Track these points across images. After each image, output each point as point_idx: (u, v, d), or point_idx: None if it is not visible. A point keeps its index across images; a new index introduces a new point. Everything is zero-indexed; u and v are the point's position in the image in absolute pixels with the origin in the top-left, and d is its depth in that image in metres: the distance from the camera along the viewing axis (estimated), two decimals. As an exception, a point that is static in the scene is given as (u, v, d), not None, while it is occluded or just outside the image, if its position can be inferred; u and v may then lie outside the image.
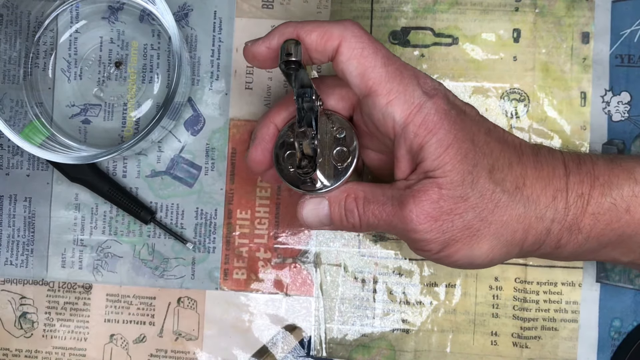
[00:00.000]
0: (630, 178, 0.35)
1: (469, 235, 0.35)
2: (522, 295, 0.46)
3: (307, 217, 0.37)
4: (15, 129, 0.43)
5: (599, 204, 0.35)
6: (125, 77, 0.48)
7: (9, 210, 0.48)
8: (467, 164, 0.34)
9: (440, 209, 0.34)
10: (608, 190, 0.35)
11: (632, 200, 0.35)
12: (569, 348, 0.46)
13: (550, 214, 0.35)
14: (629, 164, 0.36)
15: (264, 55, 0.36)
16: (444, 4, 0.47)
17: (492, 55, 0.47)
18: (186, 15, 0.48)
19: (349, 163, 0.37)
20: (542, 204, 0.35)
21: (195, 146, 0.48)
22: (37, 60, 0.48)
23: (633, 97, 0.46)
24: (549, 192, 0.35)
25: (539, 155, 0.37)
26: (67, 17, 0.48)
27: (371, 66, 0.34)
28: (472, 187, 0.34)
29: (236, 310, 0.47)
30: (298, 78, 0.34)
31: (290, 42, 0.33)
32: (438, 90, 0.35)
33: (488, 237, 0.35)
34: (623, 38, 0.46)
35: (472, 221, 0.34)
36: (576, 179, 0.36)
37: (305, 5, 0.47)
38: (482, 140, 0.35)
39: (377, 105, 0.34)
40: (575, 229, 0.36)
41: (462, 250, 0.35)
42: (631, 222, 0.35)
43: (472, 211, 0.34)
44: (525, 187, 0.35)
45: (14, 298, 0.48)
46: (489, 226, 0.35)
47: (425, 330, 0.46)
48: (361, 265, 0.47)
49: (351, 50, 0.34)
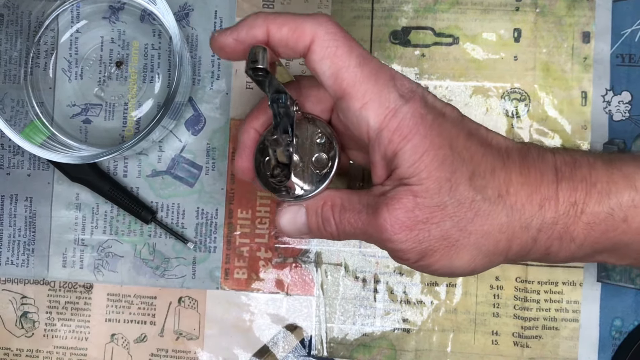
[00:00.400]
0: (630, 186, 0.33)
1: (447, 246, 0.33)
2: (523, 295, 0.46)
3: (284, 225, 0.36)
4: (16, 128, 0.43)
5: (594, 214, 0.33)
6: (126, 76, 0.48)
7: (9, 210, 0.49)
8: (444, 171, 0.32)
9: (415, 218, 0.32)
10: (606, 198, 0.33)
11: (630, 210, 0.33)
12: (569, 347, 0.46)
13: (537, 223, 0.33)
14: (629, 169, 0.34)
15: (231, 47, 0.33)
16: (444, 4, 0.47)
17: (493, 54, 0.47)
18: (187, 15, 0.48)
19: (328, 170, 0.36)
20: (527, 212, 0.33)
21: (196, 146, 0.48)
22: (38, 60, 0.48)
23: (634, 97, 0.46)
24: (536, 201, 0.33)
25: (527, 159, 0.34)
26: (67, 17, 0.48)
27: (345, 66, 0.32)
28: (450, 195, 0.32)
29: (237, 309, 0.47)
30: (272, 84, 0.33)
31: (257, 48, 0.31)
32: (415, 92, 0.33)
33: (468, 247, 0.33)
34: (624, 37, 0.46)
35: (450, 231, 0.33)
36: (569, 186, 0.33)
37: (306, 5, 0.47)
38: (461, 145, 0.33)
39: (351, 108, 0.32)
40: (567, 238, 0.34)
41: (441, 260, 0.33)
42: (628, 231, 0.34)
43: (449, 220, 0.32)
44: (508, 195, 0.33)
45: (15, 298, 0.48)
46: (469, 236, 0.33)
47: (426, 330, 0.46)
48: (362, 264, 0.47)
49: (324, 49, 0.32)
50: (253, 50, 0.32)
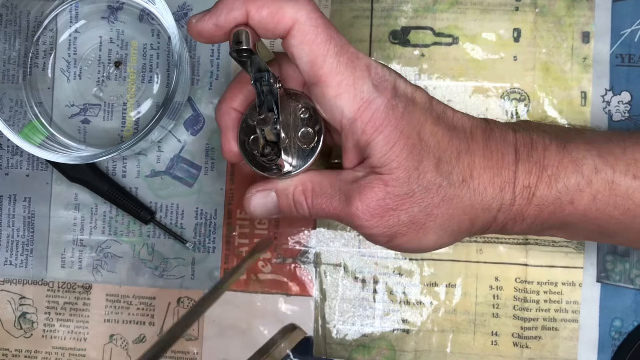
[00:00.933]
0: (577, 171, 0.35)
1: (415, 229, 0.35)
2: (522, 295, 0.46)
3: (254, 209, 0.37)
4: (15, 128, 0.43)
5: (543, 197, 0.35)
6: (124, 76, 0.48)
7: (8, 210, 0.48)
8: (412, 160, 0.34)
9: (385, 205, 0.34)
10: (554, 182, 0.35)
11: (576, 194, 0.35)
12: (569, 348, 0.45)
13: (497, 205, 0.35)
14: (579, 154, 0.35)
15: (210, 32, 0.33)
16: (444, 4, 0.47)
17: (493, 54, 0.47)
18: (186, 15, 0.48)
19: (315, 144, 0.36)
20: (489, 195, 0.35)
21: (195, 146, 0.48)
22: (37, 60, 0.48)
23: (633, 97, 0.46)
24: (497, 184, 0.35)
25: (490, 140, 0.36)
26: (66, 17, 0.48)
27: (323, 54, 0.33)
28: (418, 182, 0.34)
29: (236, 310, 0.47)
30: (254, 63, 0.33)
31: (240, 31, 0.32)
32: (387, 81, 0.34)
33: (434, 229, 0.35)
34: (623, 38, 0.46)
35: (417, 215, 0.34)
36: (525, 168, 0.35)
37: (305, 5, 0.47)
38: (429, 132, 0.34)
39: (325, 96, 0.33)
40: (520, 217, 0.36)
41: (409, 242, 0.35)
42: (575, 213, 0.35)
43: (417, 206, 0.34)
44: (472, 179, 0.35)
45: (13, 298, 0.48)
46: (435, 219, 0.35)
47: (425, 330, 0.46)
48: (361, 265, 0.47)
49: (304, 34, 0.32)
50: (236, 33, 0.32)
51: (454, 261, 0.46)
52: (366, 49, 0.47)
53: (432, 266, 0.46)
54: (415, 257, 0.46)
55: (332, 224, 0.47)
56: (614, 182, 0.35)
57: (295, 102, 0.37)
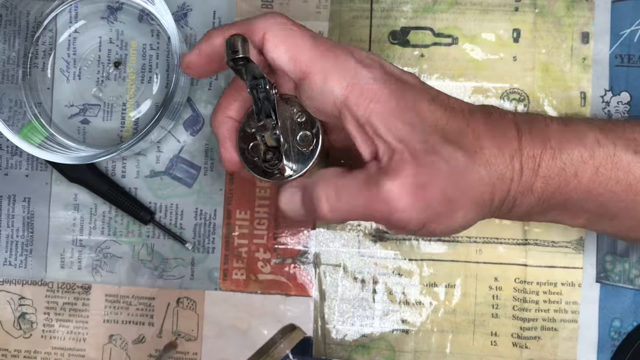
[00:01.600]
0: (580, 143, 0.35)
1: (446, 206, 0.34)
2: (521, 296, 0.46)
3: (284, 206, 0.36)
4: (14, 129, 0.43)
5: (549, 167, 0.35)
6: (124, 77, 0.48)
7: (7, 210, 0.48)
8: (418, 134, 0.33)
9: (416, 182, 0.33)
10: (558, 153, 0.35)
11: (580, 166, 0.35)
12: (568, 348, 0.45)
13: (509, 175, 0.35)
14: (580, 128, 0.36)
15: (196, 62, 0.36)
16: (443, 4, 0.47)
17: (492, 55, 0.47)
18: (185, 15, 0.48)
19: (314, 146, 0.37)
20: (501, 165, 0.35)
21: (195, 146, 0.48)
22: (36, 60, 0.48)
23: (633, 97, 0.46)
24: (506, 153, 0.35)
25: (490, 118, 0.36)
26: (66, 17, 0.48)
27: (300, 49, 0.34)
28: (436, 156, 0.33)
29: (235, 310, 0.47)
30: (249, 71, 0.33)
31: (236, 37, 0.31)
32: (373, 60, 0.34)
33: (461, 202, 0.34)
34: (623, 38, 0.46)
35: (446, 189, 0.33)
36: (528, 140, 0.35)
37: (305, 5, 0.47)
38: (425, 109, 0.34)
39: (313, 85, 0.34)
40: (528, 191, 0.36)
41: (442, 221, 0.34)
42: (578, 187, 0.36)
43: (445, 180, 0.33)
44: (482, 151, 0.34)
45: (12, 298, 0.48)
46: (462, 193, 0.34)
47: (424, 331, 0.46)
48: (361, 265, 0.47)
49: (277, 37, 0.34)
50: (230, 40, 0.32)
51: (454, 261, 0.46)
52: (366, 49, 0.47)
53: (432, 266, 0.46)
54: (414, 257, 0.46)
55: (332, 224, 0.47)
56: (616, 156, 0.35)
57: (291, 107, 0.37)
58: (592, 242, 0.46)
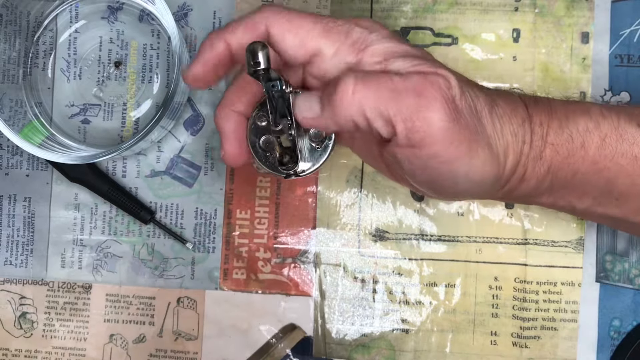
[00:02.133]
0: (585, 114, 0.36)
1: (471, 138, 0.33)
2: (521, 295, 0.46)
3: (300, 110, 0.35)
4: (15, 128, 0.43)
5: (557, 134, 0.36)
6: (124, 77, 0.48)
7: (8, 210, 0.48)
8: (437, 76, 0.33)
9: (448, 96, 0.32)
10: (565, 122, 0.36)
11: (586, 135, 0.36)
12: (568, 348, 0.46)
13: (522, 135, 0.35)
14: (584, 104, 0.37)
15: (201, 74, 0.35)
16: (443, 4, 0.47)
17: (492, 55, 0.47)
18: (186, 15, 0.48)
19: (327, 142, 0.37)
20: (514, 123, 0.35)
21: (195, 146, 0.48)
22: (37, 60, 0.48)
23: (632, 97, 0.46)
24: (519, 115, 0.35)
25: (497, 94, 0.36)
26: (66, 17, 0.48)
27: (305, 30, 0.34)
28: (453, 92, 0.33)
29: (236, 310, 0.47)
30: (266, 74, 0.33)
31: (256, 46, 0.31)
32: (377, 24, 0.35)
33: (482, 144, 0.33)
34: (622, 38, 0.46)
35: (471, 121, 0.33)
36: (535, 110, 0.36)
37: (305, 5, 0.47)
38: (439, 66, 0.34)
39: (326, 59, 0.34)
40: (538, 158, 0.36)
41: (464, 160, 0.33)
42: (586, 158, 0.36)
43: (469, 110, 0.33)
44: (497, 107, 0.35)
45: (13, 298, 0.48)
46: (483, 132, 0.33)
47: (425, 330, 0.46)
48: (361, 265, 0.47)
49: (280, 25, 0.34)
50: (251, 48, 0.31)
51: (454, 261, 0.46)
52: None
53: (432, 266, 0.46)
54: (414, 256, 0.46)
55: (332, 223, 0.47)
56: (620, 127, 0.36)
57: None
58: (591, 241, 0.46)
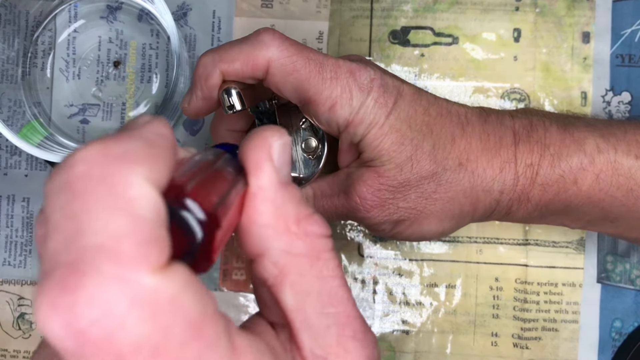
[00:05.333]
0: (580, 150, 0.35)
1: (415, 215, 0.36)
2: (522, 296, 0.46)
3: None
4: (14, 128, 0.43)
5: (547, 175, 0.35)
6: (123, 76, 0.48)
7: (7, 210, 0.48)
8: (404, 151, 0.34)
9: (382, 196, 0.35)
10: (557, 161, 0.35)
11: (579, 173, 0.35)
12: (569, 349, 0.45)
13: (498, 186, 0.35)
14: (581, 134, 0.36)
15: (204, 108, 0.35)
16: (444, 4, 0.47)
17: (493, 55, 0.46)
18: (185, 15, 0.48)
19: (320, 152, 0.37)
20: (488, 177, 0.35)
21: (194, 146, 0.47)
22: (36, 59, 0.48)
23: (634, 97, 0.46)
24: (496, 164, 0.35)
25: (487, 124, 0.36)
26: (65, 17, 0.48)
27: (306, 78, 0.33)
28: (412, 172, 0.35)
29: (235, 311, 0.47)
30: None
31: (230, 91, 0.32)
32: (373, 80, 0.35)
33: (435, 214, 0.36)
34: (624, 38, 0.46)
35: (416, 201, 0.35)
36: (525, 148, 0.36)
37: (305, 5, 0.47)
38: (420, 121, 0.35)
39: (319, 112, 0.34)
40: (524, 198, 0.36)
41: (411, 227, 0.36)
42: (578, 194, 0.36)
43: (414, 193, 0.35)
44: (469, 162, 0.35)
45: (12, 299, 0.48)
46: (434, 203, 0.35)
47: (425, 331, 0.46)
48: (361, 265, 0.47)
49: (282, 68, 0.33)
50: (224, 95, 0.33)
51: (454, 262, 0.46)
52: (366, 49, 0.47)
53: (432, 267, 0.46)
54: (415, 257, 0.46)
55: (332, 224, 0.47)
56: (617, 162, 0.35)
57: (293, 114, 0.37)
58: (593, 242, 0.46)
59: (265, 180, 0.21)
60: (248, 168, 0.22)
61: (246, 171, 0.22)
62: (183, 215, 0.18)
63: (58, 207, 0.17)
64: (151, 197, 0.17)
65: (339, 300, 0.22)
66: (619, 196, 0.35)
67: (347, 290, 0.22)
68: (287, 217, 0.21)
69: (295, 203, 0.22)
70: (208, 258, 0.19)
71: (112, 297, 0.16)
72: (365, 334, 0.22)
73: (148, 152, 0.18)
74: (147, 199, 0.17)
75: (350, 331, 0.22)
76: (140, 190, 0.17)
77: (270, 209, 0.21)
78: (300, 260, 0.21)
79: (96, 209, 0.17)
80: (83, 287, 0.16)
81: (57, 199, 0.17)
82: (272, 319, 0.23)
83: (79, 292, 0.16)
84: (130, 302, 0.16)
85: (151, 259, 0.17)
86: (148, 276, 0.16)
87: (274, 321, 0.23)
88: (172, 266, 0.17)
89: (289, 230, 0.21)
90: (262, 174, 0.21)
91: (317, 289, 0.21)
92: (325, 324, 0.21)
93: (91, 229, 0.16)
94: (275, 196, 0.21)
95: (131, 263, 0.16)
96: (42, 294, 0.16)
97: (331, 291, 0.22)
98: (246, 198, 0.22)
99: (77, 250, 0.16)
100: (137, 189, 0.17)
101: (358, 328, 0.22)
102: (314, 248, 0.21)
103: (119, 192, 0.17)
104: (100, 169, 0.17)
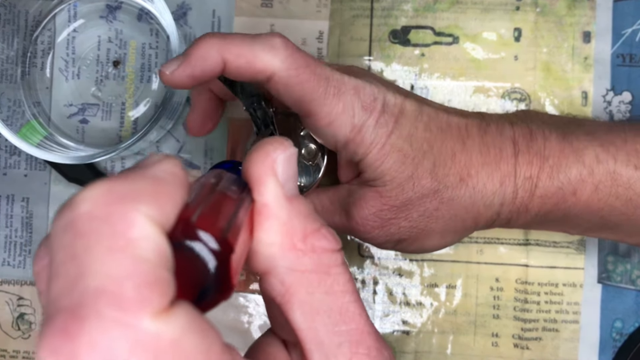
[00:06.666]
0: (578, 161, 0.35)
1: (417, 233, 0.35)
2: (523, 296, 0.45)
3: None
4: (13, 128, 0.43)
5: (546, 187, 0.35)
6: (123, 76, 0.47)
7: (6, 210, 0.48)
8: (405, 170, 0.34)
9: (383, 216, 0.35)
10: (556, 173, 0.35)
11: (578, 184, 0.35)
12: (570, 349, 0.45)
13: (499, 200, 0.35)
14: (580, 144, 0.36)
15: (185, 84, 0.32)
16: (444, 3, 0.47)
17: (493, 54, 0.46)
18: (185, 14, 0.48)
19: (320, 159, 0.37)
20: (489, 191, 0.35)
21: (194, 146, 0.47)
22: (35, 59, 0.48)
23: (634, 97, 0.45)
24: (496, 178, 0.35)
25: (487, 135, 0.36)
26: (65, 16, 0.48)
27: (309, 91, 0.33)
28: (414, 190, 0.34)
29: (235, 311, 0.47)
30: (244, 88, 0.32)
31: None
32: (377, 99, 0.34)
33: (437, 231, 0.36)
34: (624, 37, 0.46)
35: (417, 220, 0.35)
36: (525, 160, 0.35)
37: (305, 4, 0.47)
38: (420, 138, 0.35)
39: (317, 125, 0.34)
40: (524, 210, 0.36)
41: (414, 244, 0.36)
42: (577, 204, 0.36)
43: (416, 212, 0.35)
44: (470, 178, 0.35)
45: (11, 299, 0.48)
46: (436, 221, 0.35)
47: (425, 332, 0.46)
48: (361, 265, 0.47)
49: (287, 78, 0.32)
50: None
51: (455, 262, 0.46)
52: (366, 49, 0.47)
53: (433, 267, 0.46)
54: (415, 257, 0.46)
55: (332, 224, 0.47)
56: (616, 172, 0.35)
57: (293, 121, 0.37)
58: (593, 242, 0.45)
59: (269, 196, 0.21)
60: (251, 184, 0.21)
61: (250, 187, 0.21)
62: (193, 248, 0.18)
63: (62, 247, 0.17)
64: (154, 237, 0.17)
65: (350, 316, 0.21)
66: (618, 205, 0.35)
67: (360, 306, 0.21)
68: (293, 233, 0.21)
69: (302, 218, 0.21)
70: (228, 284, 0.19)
71: (113, 343, 0.16)
72: (380, 350, 0.21)
73: (154, 191, 0.18)
74: (150, 240, 0.17)
75: (364, 349, 0.21)
76: (142, 230, 0.17)
77: (275, 226, 0.21)
78: (308, 277, 0.21)
79: (97, 250, 0.16)
80: (84, 333, 0.16)
81: (61, 238, 0.17)
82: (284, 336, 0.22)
83: (80, 339, 0.16)
84: (132, 347, 0.16)
85: (153, 302, 0.16)
86: (149, 320, 0.16)
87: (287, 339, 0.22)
88: (175, 307, 0.17)
89: (295, 247, 0.21)
90: (266, 190, 0.21)
91: (327, 306, 0.21)
92: (337, 342, 0.21)
93: (92, 271, 0.16)
94: (280, 212, 0.21)
95: (132, 307, 0.16)
96: (44, 340, 0.16)
97: (342, 307, 0.21)
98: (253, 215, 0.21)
99: (79, 293, 0.16)
100: (139, 229, 0.17)
101: (372, 344, 0.21)
102: (322, 264, 0.21)
103: (120, 233, 0.17)
104: (103, 208, 0.17)
